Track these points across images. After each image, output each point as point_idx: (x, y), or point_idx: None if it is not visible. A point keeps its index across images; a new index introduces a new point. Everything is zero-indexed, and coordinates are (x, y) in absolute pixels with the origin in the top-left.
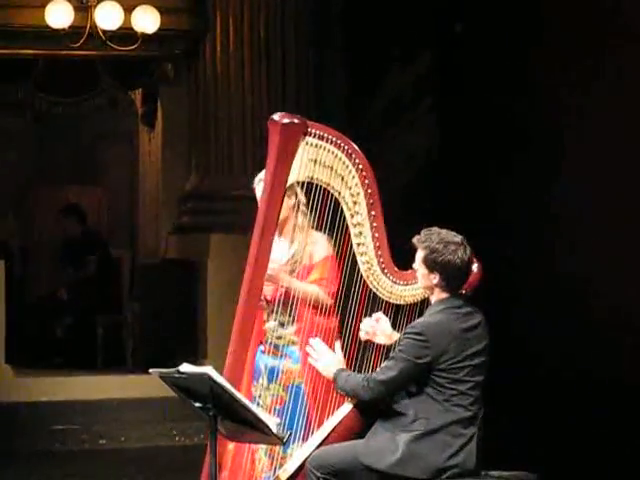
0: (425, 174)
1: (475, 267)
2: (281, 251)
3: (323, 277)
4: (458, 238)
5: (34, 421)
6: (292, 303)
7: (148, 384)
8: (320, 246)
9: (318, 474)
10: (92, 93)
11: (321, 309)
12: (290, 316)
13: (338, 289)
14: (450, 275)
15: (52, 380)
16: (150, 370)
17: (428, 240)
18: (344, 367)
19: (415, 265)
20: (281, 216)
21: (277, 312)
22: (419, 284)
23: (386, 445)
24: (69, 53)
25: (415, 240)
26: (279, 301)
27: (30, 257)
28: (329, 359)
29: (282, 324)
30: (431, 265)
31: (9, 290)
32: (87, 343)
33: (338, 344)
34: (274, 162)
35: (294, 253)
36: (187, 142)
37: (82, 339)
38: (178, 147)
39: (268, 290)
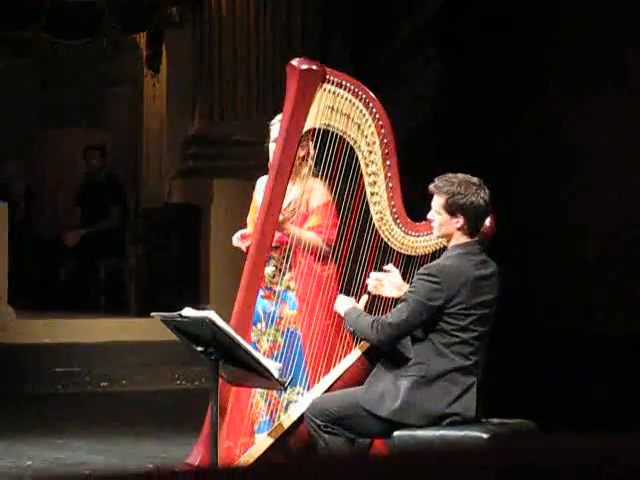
0: (430, 122)
1: (487, 220)
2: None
3: (320, 224)
4: (475, 179)
5: (36, 363)
6: (289, 249)
7: (150, 328)
8: (317, 193)
9: (318, 421)
10: (97, 36)
11: (318, 256)
12: (287, 262)
13: (336, 236)
14: (473, 216)
15: (54, 322)
16: (152, 314)
17: (447, 184)
18: (357, 306)
19: (431, 214)
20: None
21: (274, 258)
22: (436, 232)
23: (387, 390)
24: None
25: (432, 187)
26: (276, 247)
27: (33, 199)
28: (343, 298)
29: (280, 270)
30: (454, 209)
31: (13, 232)
32: (89, 286)
33: (365, 298)
34: (291, 108)
35: (292, 201)
36: (192, 86)
37: (85, 282)
38: (183, 91)
39: None
